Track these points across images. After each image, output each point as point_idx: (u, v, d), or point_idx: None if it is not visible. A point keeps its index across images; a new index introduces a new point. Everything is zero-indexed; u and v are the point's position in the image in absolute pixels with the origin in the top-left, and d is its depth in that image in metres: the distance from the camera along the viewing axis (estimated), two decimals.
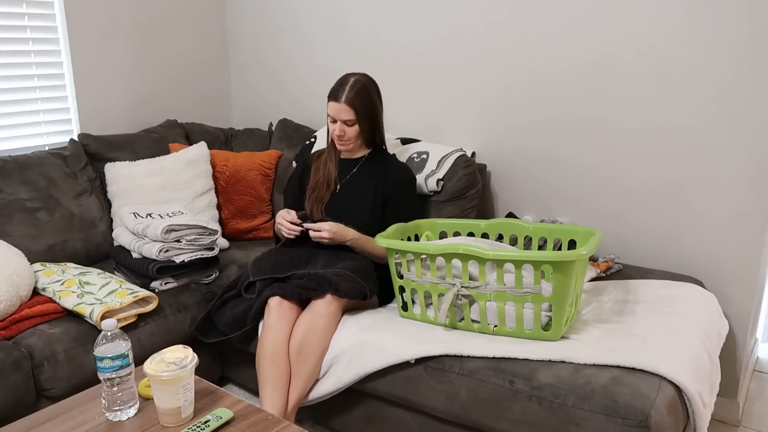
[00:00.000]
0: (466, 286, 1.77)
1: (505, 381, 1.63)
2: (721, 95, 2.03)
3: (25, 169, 2.32)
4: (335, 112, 2.07)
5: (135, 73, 2.90)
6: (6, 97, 2.49)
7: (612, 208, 2.31)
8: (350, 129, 2.09)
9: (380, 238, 1.90)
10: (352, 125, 2.08)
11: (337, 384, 1.87)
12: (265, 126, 3.24)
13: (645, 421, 1.44)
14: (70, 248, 2.34)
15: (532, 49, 2.35)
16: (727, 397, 2.20)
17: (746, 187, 2.04)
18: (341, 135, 2.10)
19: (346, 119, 2.06)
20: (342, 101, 2.05)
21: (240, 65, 3.28)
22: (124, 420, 1.39)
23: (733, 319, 2.14)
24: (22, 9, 2.49)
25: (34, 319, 1.92)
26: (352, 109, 2.05)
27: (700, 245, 2.16)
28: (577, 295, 1.81)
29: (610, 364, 1.59)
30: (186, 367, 1.34)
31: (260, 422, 1.38)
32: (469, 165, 2.35)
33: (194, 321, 2.18)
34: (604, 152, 2.28)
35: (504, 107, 2.47)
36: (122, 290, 1.99)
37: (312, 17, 2.93)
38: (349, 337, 1.87)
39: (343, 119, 2.06)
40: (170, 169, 2.58)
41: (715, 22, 1.99)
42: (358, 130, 2.10)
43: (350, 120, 2.07)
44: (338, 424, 2.03)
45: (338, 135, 2.10)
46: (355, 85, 2.06)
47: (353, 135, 2.10)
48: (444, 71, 2.59)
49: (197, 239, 2.20)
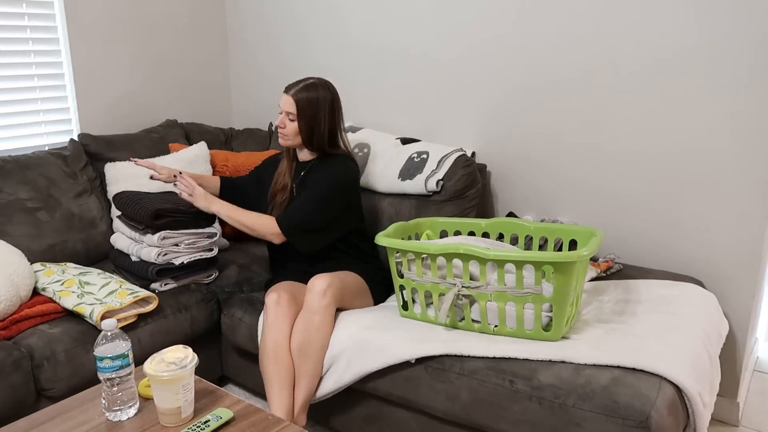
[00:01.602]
0: (466, 286, 1.77)
1: (505, 381, 1.63)
2: (720, 96, 2.03)
3: (25, 169, 2.32)
4: (282, 102, 2.10)
5: (135, 73, 2.90)
6: (6, 97, 2.49)
7: (612, 207, 2.31)
8: (290, 123, 2.10)
9: (381, 237, 1.90)
10: (293, 120, 2.10)
11: (338, 383, 1.87)
12: (265, 126, 3.24)
13: (645, 422, 1.44)
14: (70, 248, 2.34)
15: (533, 49, 2.35)
16: (727, 397, 2.20)
17: (746, 187, 2.04)
18: (281, 125, 2.11)
19: (289, 111, 2.09)
20: (290, 93, 2.08)
21: (240, 65, 3.28)
22: (124, 420, 1.39)
23: (733, 319, 2.14)
24: (22, 9, 2.49)
25: (34, 319, 1.92)
26: (295, 104, 2.07)
27: (700, 245, 2.16)
28: (578, 295, 1.81)
29: (611, 365, 1.59)
30: (186, 367, 1.34)
31: (260, 422, 1.38)
32: (468, 165, 2.35)
33: (194, 321, 2.18)
34: (604, 152, 2.28)
35: (504, 107, 2.47)
36: (122, 290, 1.99)
37: (312, 17, 2.93)
38: (350, 337, 1.87)
39: (287, 110, 2.09)
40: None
41: (713, 24, 1.99)
42: (296, 127, 2.10)
43: (291, 114, 2.09)
44: (338, 424, 2.02)
45: (278, 124, 2.12)
46: (308, 86, 2.09)
47: (291, 131, 2.11)
48: (444, 72, 2.59)
49: (196, 242, 2.20)
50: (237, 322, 2.16)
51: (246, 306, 2.16)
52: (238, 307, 2.18)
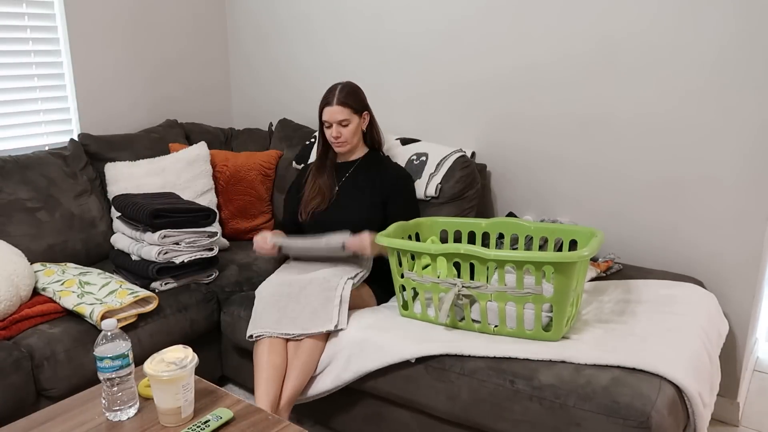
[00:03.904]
0: (467, 286, 1.77)
1: (505, 381, 1.63)
2: (721, 94, 2.03)
3: (25, 169, 2.32)
4: (329, 115, 2.14)
5: (135, 73, 2.90)
6: (6, 97, 2.49)
7: (612, 207, 2.31)
8: (346, 129, 2.16)
9: (381, 237, 1.90)
10: (347, 125, 2.15)
11: (336, 382, 1.87)
12: (265, 126, 3.24)
13: (646, 422, 1.44)
14: (70, 248, 2.34)
15: (533, 50, 2.35)
16: (727, 397, 2.20)
17: (746, 187, 2.04)
18: (338, 136, 2.16)
19: (341, 119, 2.13)
20: (335, 104, 2.13)
21: (240, 65, 3.28)
22: (124, 420, 1.38)
23: (733, 319, 2.14)
24: (22, 9, 2.49)
25: (34, 319, 1.92)
26: (345, 108, 2.13)
27: (700, 245, 2.16)
28: (578, 295, 1.81)
29: (611, 365, 1.59)
30: (186, 367, 1.34)
31: (260, 422, 1.38)
32: (467, 166, 2.35)
33: (194, 321, 2.18)
34: (604, 152, 2.28)
35: (504, 107, 2.47)
36: (122, 290, 1.99)
37: (312, 17, 2.93)
38: (349, 335, 1.87)
39: (338, 120, 2.13)
40: (170, 169, 2.58)
41: (716, 20, 1.99)
42: (353, 129, 2.17)
43: (345, 120, 2.14)
44: (338, 424, 2.02)
45: (335, 137, 2.16)
46: (344, 88, 2.16)
47: (349, 134, 2.16)
48: (444, 72, 2.59)
49: (196, 241, 2.20)
50: (237, 319, 2.16)
51: (246, 303, 2.16)
52: (238, 305, 2.18)
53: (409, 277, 1.88)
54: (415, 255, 1.85)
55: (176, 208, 2.16)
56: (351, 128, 2.16)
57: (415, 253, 1.84)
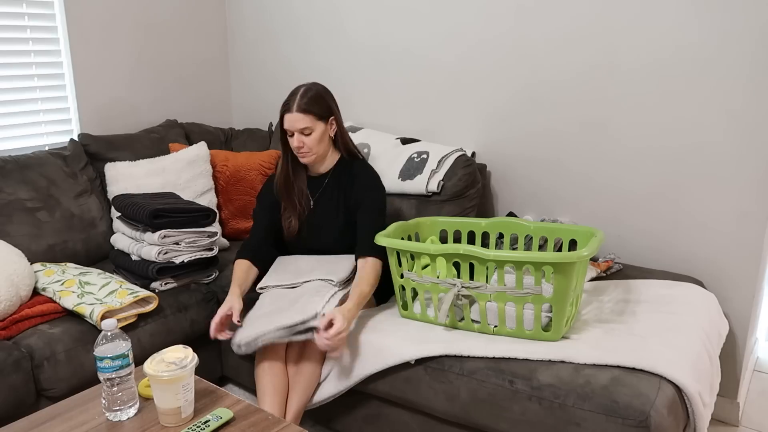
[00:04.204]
0: (466, 286, 1.77)
1: (505, 381, 1.63)
2: (721, 96, 2.02)
3: (25, 169, 2.32)
4: (290, 123, 1.96)
5: (135, 73, 2.90)
6: (6, 97, 2.49)
7: (612, 207, 2.31)
8: (309, 138, 1.97)
9: (381, 237, 1.90)
10: (310, 134, 1.97)
11: (338, 387, 1.87)
12: (265, 126, 3.24)
13: (645, 422, 1.44)
14: (70, 248, 2.34)
15: (533, 50, 2.35)
16: (727, 397, 2.20)
17: (746, 187, 2.04)
18: (300, 146, 1.98)
19: (302, 128, 1.95)
20: (294, 110, 1.95)
21: (240, 65, 3.28)
22: (124, 420, 1.39)
23: (733, 319, 2.14)
24: (22, 9, 2.49)
25: (34, 319, 1.92)
26: (307, 115, 1.95)
27: (700, 245, 2.16)
28: (578, 295, 1.81)
29: (610, 364, 1.59)
30: (186, 367, 1.34)
31: (260, 422, 1.38)
32: (469, 165, 2.35)
33: (194, 321, 2.18)
34: (604, 152, 2.28)
35: (504, 107, 2.47)
36: (122, 290, 1.99)
37: (312, 18, 2.93)
38: (349, 339, 1.87)
39: (299, 128, 1.95)
40: (170, 169, 2.58)
41: (714, 25, 1.99)
42: (317, 137, 1.98)
43: (306, 128, 1.95)
44: (338, 425, 2.03)
45: (297, 146, 1.98)
46: (306, 93, 1.97)
47: (313, 143, 1.98)
48: (444, 72, 2.59)
49: (196, 240, 2.20)
50: None
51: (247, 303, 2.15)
52: None
53: (409, 277, 1.88)
54: (414, 255, 1.85)
55: (176, 208, 2.16)
56: (315, 137, 1.97)
57: (415, 254, 1.84)
